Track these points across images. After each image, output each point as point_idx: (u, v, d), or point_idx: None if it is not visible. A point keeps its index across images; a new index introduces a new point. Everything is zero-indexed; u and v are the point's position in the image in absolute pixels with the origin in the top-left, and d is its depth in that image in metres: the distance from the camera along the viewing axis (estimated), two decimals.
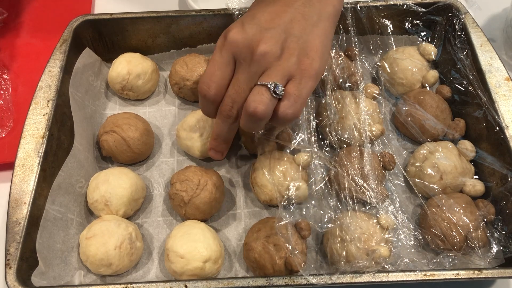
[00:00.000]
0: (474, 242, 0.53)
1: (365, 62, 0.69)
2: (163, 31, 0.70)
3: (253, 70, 0.49)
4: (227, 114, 0.52)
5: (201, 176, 0.58)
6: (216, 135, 0.55)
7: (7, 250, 0.51)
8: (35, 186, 0.55)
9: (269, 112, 0.49)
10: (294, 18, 0.50)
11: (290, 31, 0.50)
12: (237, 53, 0.50)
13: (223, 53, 0.50)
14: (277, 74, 0.49)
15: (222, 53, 0.50)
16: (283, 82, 0.49)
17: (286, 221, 0.52)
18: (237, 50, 0.49)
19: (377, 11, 0.69)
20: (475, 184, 0.59)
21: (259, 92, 0.48)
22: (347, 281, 0.49)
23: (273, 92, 0.48)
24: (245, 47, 0.49)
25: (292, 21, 0.50)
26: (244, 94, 0.50)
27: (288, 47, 0.49)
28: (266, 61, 0.49)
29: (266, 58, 0.48)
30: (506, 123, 0.59)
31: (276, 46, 0.49)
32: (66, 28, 0.67)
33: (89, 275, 0.56)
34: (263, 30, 0.49)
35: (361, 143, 0.60)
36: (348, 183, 0.56)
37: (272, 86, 0.48)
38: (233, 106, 0.51)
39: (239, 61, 0.50)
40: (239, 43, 0.49)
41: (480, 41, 0.65)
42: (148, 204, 0.62)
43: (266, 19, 0.50)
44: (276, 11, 0.51)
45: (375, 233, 0.53)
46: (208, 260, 0.53)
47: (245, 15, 0.52)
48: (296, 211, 0.57)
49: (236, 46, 0.49)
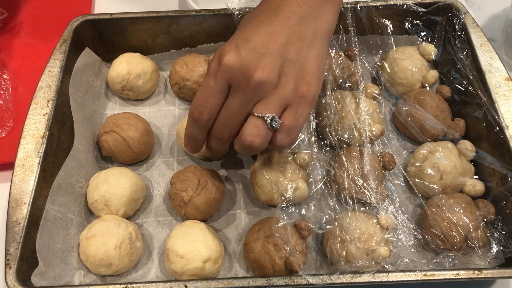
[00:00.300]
0: (474, 242, 0.53)
1: (365, 62, 0.69)
2: (163, 31, 0.70)
3: (249, 97, 0.48)
4: (218, 136, 0.51)
5: (201, 176, 0.58)
6: (210, 148, 0.55)
7: (7, 250, 0.51)
8: (35, 186, 0.55)
9: (265, 144, 0.49)
10: (290, 40, 0.48)
11: (286, 55, 0.48)
12: (232, 79, 0.48)
13: (218, 79, 0.48)
14: (273, 104, 0.47)
15: (216, 79, 0.48)
16: (279, 111, 0.48)
17: (283, 223, 0.52)
18: (232, 77, 0.47)
19: (377, 11, 0.69)
20: (475, 184, 0.59)
21: (255, 125, 0.47)
22: (347, 281, 0.49)
23: (270, 125, 0.47)
24: (241, 74, 0.47)
25: (288, 44, 0.48)
26: (237, 118, 0.49)
27: (285, 73, 0.48)
28: (263, 89, 0.47)
29: (263, 87, 0.47)
30: (506, 123, 0.59)
31: (273, 74, 0.47)
32: (66, 28, 0.67)
33: (89, 275, 0.56)
34: (259, 56, 0.47)
35: (361, 143, 0.60)
36: (348, 183, 0.56)
37: (269, 120, 0.47)
38: (224, 129, 0.50)
39: (234, 87, 0.48)
40: (235, 69, 0.47)
41: (480, 41, 0.65)
42: (148, 204, 0.62)
43: (262, 43, 0.48)
44: (271, 32, 0.48)
45: (375, 233, 0.53)
46: (208, 260, 0.53)
47: (239, 36, 0.49)
48: (296, 211, 0.58)
49: (231, 72, 0.47)
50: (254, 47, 0.47)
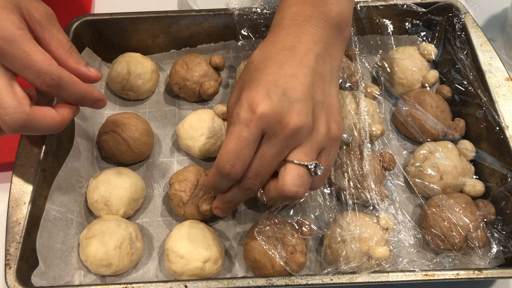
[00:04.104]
0: (474, 242, 0.53)
1: (365, 62, 0.69)
2: (163, 31, 0.70)
3: (285, 145, 0.46)
4: (249, 187, 0.48)
5: (200, 176, 0.58)
6: (227, 200, 0.51)
7: (7, 250, 0.51)
8: (35, 186, 0.55)
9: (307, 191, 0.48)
10: (315, 81, 0.47)
11: (314, 97, 0.47)
12: (267, 128, 0.45)
13: (252, 129, 0.44)
14: (312, 150, 0.46)
15: (250, 128, 0.44)
16: (316, 156, 0.47)
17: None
18: (267, 125, 0.45)
19: (377, 11, 0.69)
20: (475, 184, 0.59)
21: (299, 174, 0.45)
22: (347, 281, 0.49)
23: (314, 173, 0.46)
24: (276, 122, 0.45)
25: (314, 85, 0.47)
26: (271, 167, 0.47)
27: (317, 116, 0.47)
28: (299, 136, 0.45)
29: (300, 133, 0.45)
30: (506, 123, 0.59)
31: (308, 119, 0.45)
32: (66, 28, 0.67)
33: (89, 275, 0.56)
34: (293, 101, 0.45)
35: (361, 143, 0.60)
36: (348, 183, 0.56)
37: (313, 167, 0.46)
38: (256, 179, 0.47)
39: (268, 135, 0.45)
40: (270, 117, 0.44)
41: (480, 41, 0.65)
42: (148, 204, 0.62)
43: (291, 87, 0.46)
44: (296, 74, 0.47)
45: (375, 233, 0.53)
46: (208, 260, 0.53)
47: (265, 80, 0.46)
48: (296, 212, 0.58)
49: (266, 121, 0.44)
50: (285, 92, 0.45)
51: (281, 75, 0.46)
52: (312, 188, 0.49)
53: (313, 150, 0.46)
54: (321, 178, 0.49)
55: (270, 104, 0.44)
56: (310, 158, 0.46)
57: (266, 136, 0.46)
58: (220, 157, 0.46)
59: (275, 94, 0.45)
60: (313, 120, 0.46)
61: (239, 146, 0.45)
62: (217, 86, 0.67)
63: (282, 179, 0.45)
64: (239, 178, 0.47)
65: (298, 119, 0.45)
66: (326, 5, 0.50)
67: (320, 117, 0.47)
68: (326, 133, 0.47)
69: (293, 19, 0.50)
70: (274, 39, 0.50)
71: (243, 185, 0.48)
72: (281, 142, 0.45)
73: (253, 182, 0.47)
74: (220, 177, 0.47)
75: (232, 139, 0.45)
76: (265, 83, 0.46)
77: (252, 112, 0.44)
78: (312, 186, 0.48)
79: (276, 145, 0.45)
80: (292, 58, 0.48)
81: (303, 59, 0.47)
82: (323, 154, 0.48)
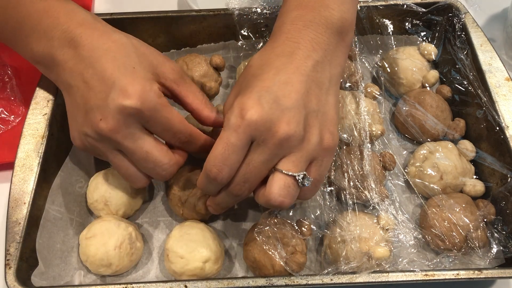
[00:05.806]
0: (474, 242, 0.53)
1: (365, 62, 0.69)
2: (163, 31, 0.70)
3: (274, 153, 0.45)
4: (237, 193, 0.48)
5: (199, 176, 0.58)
6: (217, 202, 0.52)
7: (7, 250, 0.51)
8: (35, 186, 0.55)
9: (293, 201, 0.47)
10: (310, 89, 0.46)
11: (308, 106, 0.46)
12: (256, 135, 0.45)
13: (241, 135, 0.44)
14: (301, 160, 0.46)
15: (238, 134, 0.44)
16: (306, 166, 0.46)
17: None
18: (256, 132, 0.44)
19: (377, 11, 0.69)
20: (475, 184, 0.59)
21: (285, 185, 0.45)
22: (347, 281, 0.49)
23: (302, 184, 0.46)
24: (265, 129, 0.44)
25: (309, 93, 0.46)
26: (260, 174, 0.46)
27: (309, 125, 0.46)
28: (289, 144, 0.45)
29: (290, 142, 0.45)
30: (506, 123, 0.58)
31: (299, 127, 0.45)
32: None
33: (89, 275, 0.56)
34: (284, 109, 0.45)
35: (361, 143, 0.59)
36: (348, 183, 0.56)
37: (300, 178, 0.45)
38: (244, 185, 0.47)
39: (257, 142, 0.45)
40: (259, 124, 0.44)
41: (480, 41, 0.65)
42: (148, 204, 0.62)
43: (284, 94, 0.45)
44: (290, 81, 0.46)
45: (375, 233, 0.53)
46: (208, 260, 0.53)
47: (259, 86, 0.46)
48: (296, 212, 0.58)
49: (255, 128, 0.44)
50: (277, 99, 0.45)
51: (275, 81, 0.46)
52: (302, 198, 0.49)
53: (302, 160, 0.46)
54: (310, 189, 0.48)
55: (260, 111, 0.44)
56: (299, 169, 0.46)
57: (255, 143, 0.45)
58: (207, 161, 0.46)
59: (266, 101, 0.45)
60: (304, 129, 0.45)
61: (226, 151, 0.45)
62: (218, 87, 0.67)
63: (269, 188, 0.46)
64: (226, 182, 0.47)
65: (288, 128, 0.44)
66: (327, 10, 0.50)
67: (313, 127, 0.46)
68: (318, 143, 0.46)
69: (293, 23, 0.49)
70: (273, 44, 0.50)
71: (231, 190, 0.48)
72: (270, 150, 0.45)
73: (241, 188, 0.47)
74: (208, 181, 0.47)
75: (221, 143, 0.45)
76: (258, 89, 0.46)
77: (241, 118, 0.44)
78: (302, 196, 0.48)
79: (265, 152, 0.45)
80: (289, 64, 0.47)
81: (300, 66, 0.47)
82: (315, 165, 0.47)
